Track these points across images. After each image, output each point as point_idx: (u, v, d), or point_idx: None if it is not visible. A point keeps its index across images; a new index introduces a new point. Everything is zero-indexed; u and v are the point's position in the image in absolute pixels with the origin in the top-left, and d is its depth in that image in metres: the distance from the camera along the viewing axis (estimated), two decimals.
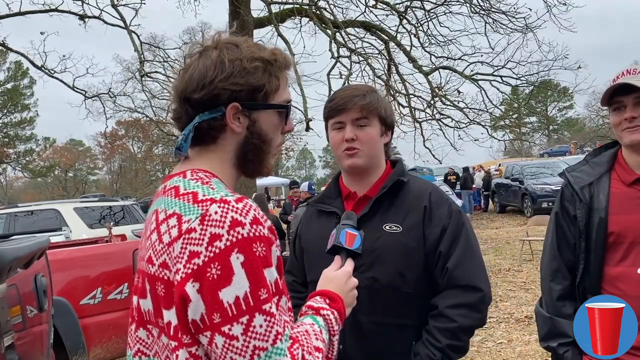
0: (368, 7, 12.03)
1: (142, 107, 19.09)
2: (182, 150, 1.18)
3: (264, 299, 1.00)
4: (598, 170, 1.89)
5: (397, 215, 1.73)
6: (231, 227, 1.00)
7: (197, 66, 1.15)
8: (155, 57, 14.16)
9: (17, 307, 2.71)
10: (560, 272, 1.90)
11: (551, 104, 51.67)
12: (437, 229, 1.71)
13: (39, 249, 3.04)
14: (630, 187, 1.81)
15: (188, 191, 1.08)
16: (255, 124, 1.18)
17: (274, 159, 1.26)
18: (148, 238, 1.11)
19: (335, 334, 1.21)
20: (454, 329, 1.64)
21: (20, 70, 40.21)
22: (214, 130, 1.15)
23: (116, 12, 11.13)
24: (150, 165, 43.53)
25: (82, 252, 4.74)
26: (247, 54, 1.15)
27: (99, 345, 4.26)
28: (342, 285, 1.32)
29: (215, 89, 1.13)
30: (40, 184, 48.24)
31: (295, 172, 65.36)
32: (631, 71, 1.79)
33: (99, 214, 10.85)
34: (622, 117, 1.77)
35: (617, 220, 1.80)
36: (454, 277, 1.67)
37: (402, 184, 1.77)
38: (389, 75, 12.51)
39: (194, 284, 0.99)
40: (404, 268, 1.68)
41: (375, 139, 1.77)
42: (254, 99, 1.16)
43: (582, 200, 1.85)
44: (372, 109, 1.75)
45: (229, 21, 11.18)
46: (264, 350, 0.99)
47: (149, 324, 1.12)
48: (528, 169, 17.66)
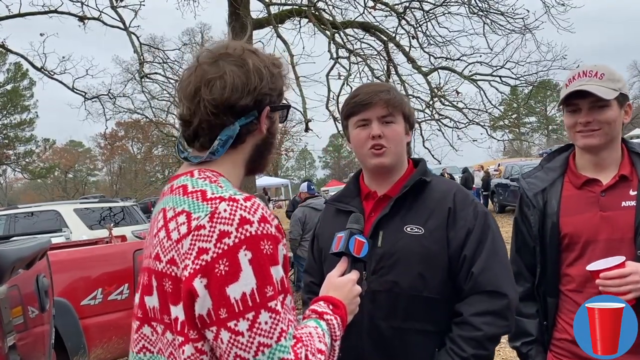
0: (367, 8, 12.05)
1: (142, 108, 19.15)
2: (216, 155, 1.19)
3: (270, 296, 1.03)
4: (551, 175, 1.93)
5: (419, 217, 1.65)
6: (240, 225, 1.03)
7: (235, 73, 1.17)
8: (155, 58, 14.18)
9: (18, 308, 2.72)
10: (521, 274, 1.95)
11: (550, 103, 51.63)
12: (462, 232, 1.63)
13: (40, 250, 3.06)
14: (580, 190, 1.85)
15: (196, 189, 1.11)
16: (274, 124, 1.26)
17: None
18: (155, 236, 1.13)
19: (337, 339, 1.23)
20: (480, 338, 1.56)
21: (19, 71, 40.16)
22: (249, 133, 1.21)
23: (115, 14, 11.14)
24: (150, 166, 43.48)
25: (82, 253, 4.75)
26: (268, 60, 1.23)
27: (99, 345, 4.27)
28: (346, 292, 1.35)
29: (259, 94, 1.19)
30: (40, 185, 48.18)
31: (295, 173, 65.35)
32: (587, 73, 1.78)
33: (99, 215, 10.87)
34: (576, 120, 1.79)
35: (568, 222, 1.84)
36: (480, 282, 1.60)
37: (424, 184, 1.69)
38: (388, 76, 12.51)
39: (202, 279, 1.01)
40: (425, 272, 1.61)
41: (402, 136, 1.71)
42: (279, 102, 1.25)
43: (535, 207, 1.90)
44: (397, 105, 1.69)
45: (228, 22, 11.19)
46: (268, 347, 1.01)
47: (153, 321, 1.14)
48: (527, 169, 17.64)
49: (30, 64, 11.95)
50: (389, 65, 12.51)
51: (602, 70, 1.78)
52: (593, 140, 1.78)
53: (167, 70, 14.37)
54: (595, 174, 1.83)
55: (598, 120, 1.76)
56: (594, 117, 1.76)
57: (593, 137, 1.78)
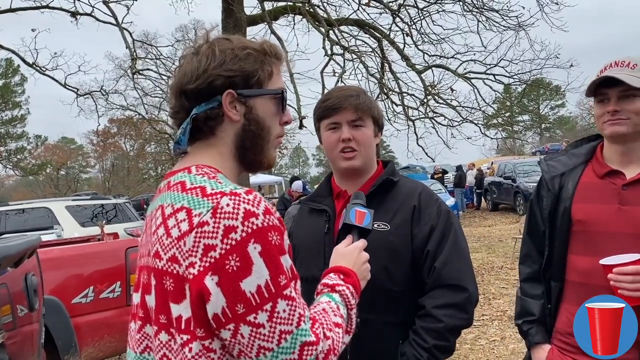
0: (361, 5, 12.02)
1: (135, 105, 19.01)
2: (181, 144, 1.19)
3: (284, 284, 1.03)
4: (574, 161, 1.93)
5: (386, 214, 1.75)
6: (245, 218, 1.01)
7: (191, 61, 1.17)
8: (148, 55, 14.09)
9: (7, 307, 2.68)
10: (530, 256, 2.01)
11: (543, 102, 51.92)
12: (426, 228, 1.73)
13: (29, 248, 3.02)
14: (602, 179, 1.84)
15: (195, 185, 1.09)
16: (252, 110, 1.19)
17: (275, 150, 1.27)
18: (154, 233, 1.11)
19: (352, 307, 1.24)
20: (441, 329, 1.66)
21: (11, 67, 39.95)
22: (212, 120, 1.17)
23: (108, 9, 11.05)
24: (142, 163, 43.32)
25: (74, 251, 4.71)
26: (238, 44, 1.18)
27: (91, 344, 4.23)
28: (354, 259, 1.37)
29: (210, 76, 1.15)
30: (32, 182, 47.94)
31: (289, 170, 65.35)
32: (619, 63, 1.79)
33: (91, 212, 10.81)
34: (605, 109, 1.79)
35: (581, 208, 1.83)
36: (442, 276, 1.69)
37: (392, 183, 1.80)
38: (382, 73, 12.51)
39: (213, 277, 1.00)
40: (390, 266, 1.70)
41: (371, 139, 1.80)
42: (248, 86, 1.18)
43: (550, 190, 1.92)
44: (366, 110, 1.78)
45: (222, 19, 11.14)
46: (289, 334, 1.02)
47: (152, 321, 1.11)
48: (520, 167, 17.75)
49: (22, 59, 11.86)
50: (383, 63, 12.51)
51: (636, 61, 1.77)
52: (620, 128, 1.76)
53: (159, 66, 14.29)
54: (621, 167, 1.82)
55: (627, 110, 1.75)
56: (622, 107, 1.76)
57: (620, 124, 1.76)
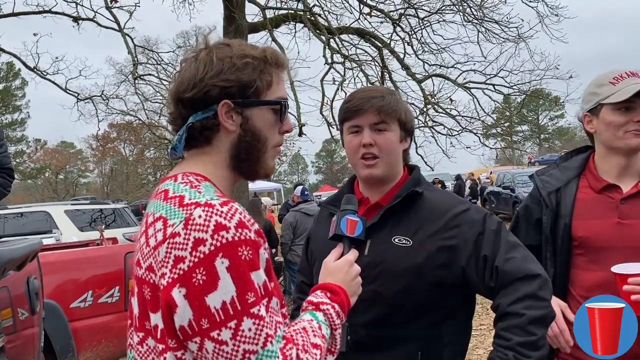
0: (362, 14, 12.09)
1: (135, 110, 18.98)
2: (176, 150, 1.18)
3: (251, 302, 1.00)
4: (567, 175, 1.93)
5: (409, 228, 1.60)
6: (215, 232, 0.99)
7: (189, 68, 1.16)
8: (149, 60, 14.11)
9: (8, 310, 2.69)
10: None
11: (542, 112, 52.08)
12: (472, 236, 1.58)
13: (32, 251, 3.02)
14: (599, 194, 1.84)
15: (176, 195, 1.08)
16: (249, 121, 1.17)
17: (273, 160, 1.24)
18: (138, 241, 1.12)
19: (337, 327, 1.20)
20: (522, 324, 1.48)
21: (12, 71, 39.98)
22: (208, 130, 1.15)
23: (110, 15, 11.10)
24: (141, 168, 43.26)
25: (72, 255, 4.72)
26: (238, 52, 1.16)
27: (89, 348, 4.23)
28: (343, 275, 1.31)
29: (206, 86, 1.13)
30: (31, 186, 47.80)
31: (288, 178, 65.30)
32: (635, 74, 1.79)
33: (90, 217, 10.81)
34: (631, 118, 1.77)
35: (581, 225, 1.83)
36: (507, 272, 1.54)
37: (417, 195, 1.63)
38: (382, 82, 12.53)
39: (180, 289, 0.99)
40: (412, 284, 1.56)
41: (395, 145, 1.65)
42: (245, 96, 1.15)
43: (548, 207, 1.90)
44: (390, 112, 1.62)
45: (224, 26, 11.19)
46: (254, 354, 0.99)
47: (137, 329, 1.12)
48: (519, 177, 17.76)
49: (23, 63, 11.88)
50: (383, 72, 12.55)
51: None
52: None
53: (160, 72, 14.32)
54: (617, 180, 1.83)
55: None
56: None
57: None
